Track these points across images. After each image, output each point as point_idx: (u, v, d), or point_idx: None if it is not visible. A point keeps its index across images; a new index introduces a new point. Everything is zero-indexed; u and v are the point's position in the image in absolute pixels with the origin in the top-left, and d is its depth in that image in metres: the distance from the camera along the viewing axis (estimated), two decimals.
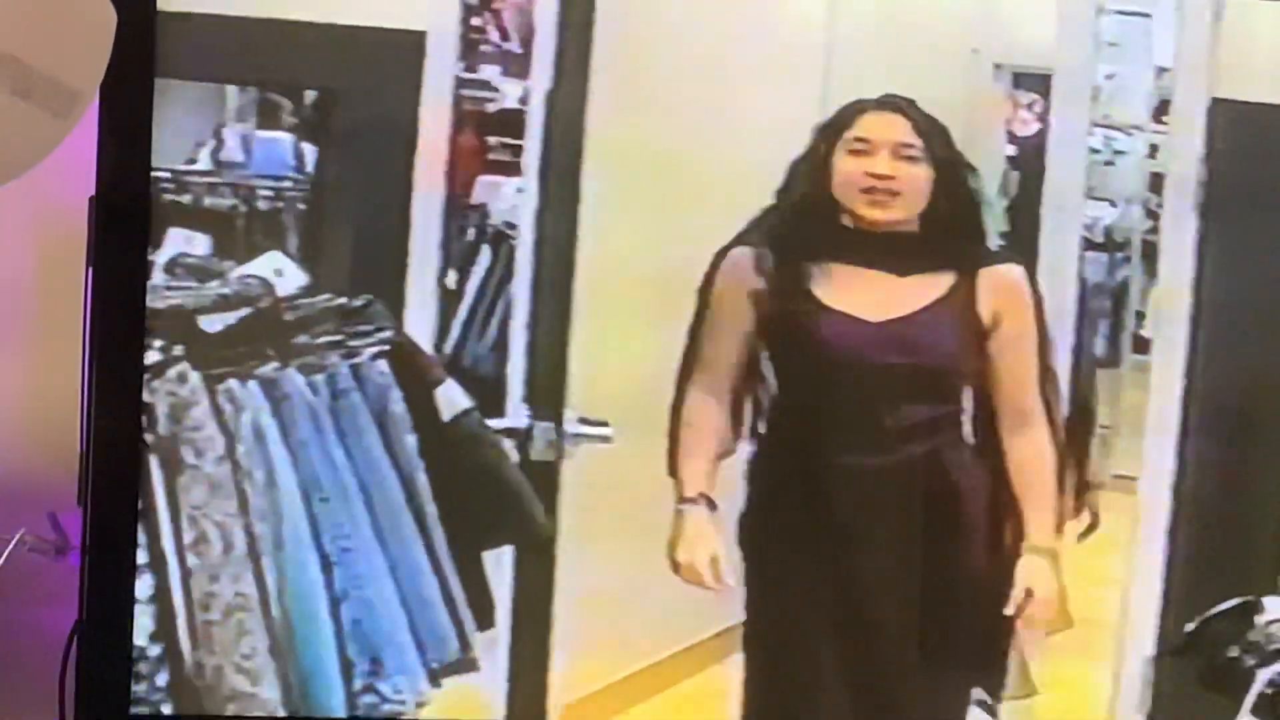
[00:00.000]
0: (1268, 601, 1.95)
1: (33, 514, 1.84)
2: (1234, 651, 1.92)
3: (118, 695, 1.81)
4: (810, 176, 1.86)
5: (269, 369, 1.82)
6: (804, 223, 1.86)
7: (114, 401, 1.78)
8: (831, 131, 1.87)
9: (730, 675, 1.95)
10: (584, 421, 1.89)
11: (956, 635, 1.92)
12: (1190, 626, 1.91)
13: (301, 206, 1.81)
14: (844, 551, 1.89)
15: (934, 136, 1.86)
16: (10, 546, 1.77)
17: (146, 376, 1.77)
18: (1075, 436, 1.94)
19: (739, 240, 1.85)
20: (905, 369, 1.88)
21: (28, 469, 1.91)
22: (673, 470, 1.89)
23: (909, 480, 1.89)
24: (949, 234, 1.88)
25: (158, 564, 1.81)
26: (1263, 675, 1.91)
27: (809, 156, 1.86)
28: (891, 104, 1.88)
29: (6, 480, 1.91)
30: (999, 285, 1.90)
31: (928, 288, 1.89)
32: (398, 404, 1.85)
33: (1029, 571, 1.93)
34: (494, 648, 1.87)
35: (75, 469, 1.78)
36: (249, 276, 1.81)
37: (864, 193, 1.87)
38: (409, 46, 1.82)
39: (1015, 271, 1.90)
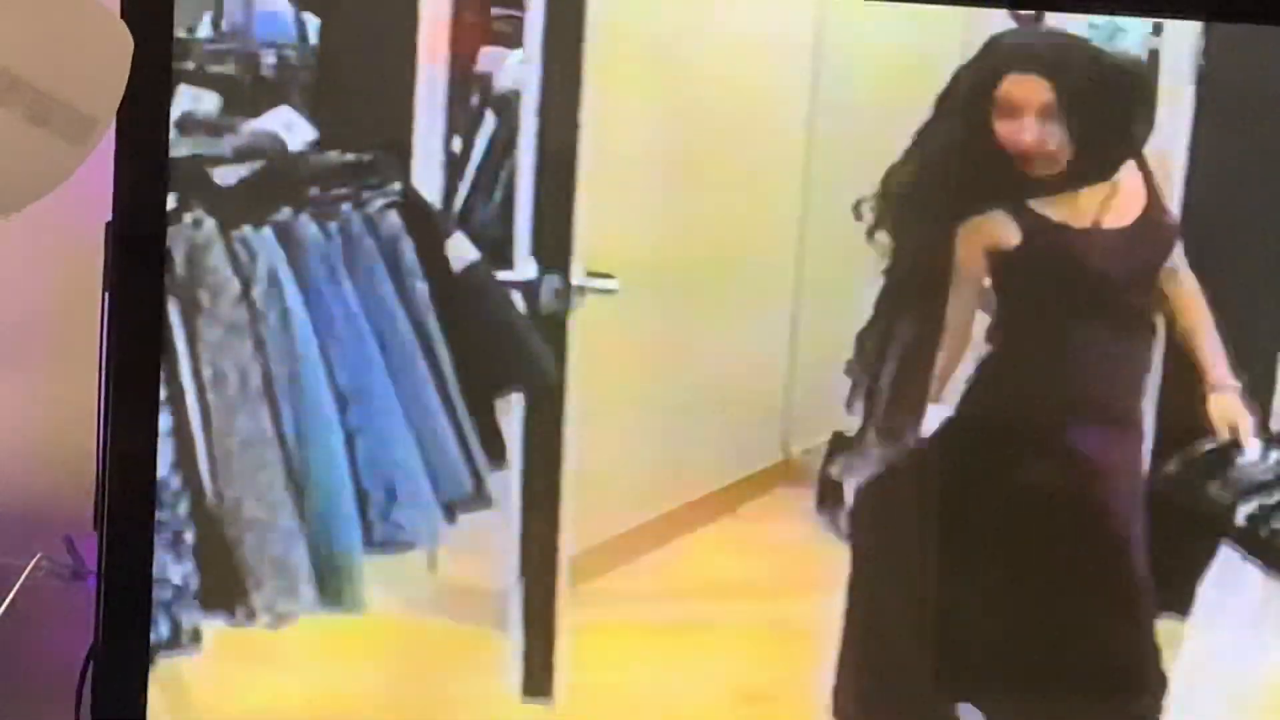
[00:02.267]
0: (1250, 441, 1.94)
1: (49, 538, 1.82)
2: (1214, 489, 2.00)
3: (133, 719, 1.76)
4: (966, 129, 1.86)
5: (283, 216, 1.81)
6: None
7: (130, 426, 1.74)
8: (977, 90, 1.85)
9: (739, 527, 1.94)
10: (590, 275, 1.87)
11: None
12: (1173, 466, 1.93)
13: (305, 75, 1.80)
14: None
15: (1071, 86, 1.84)
16: (27, 571, 1.75)
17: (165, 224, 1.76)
18: None
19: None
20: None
21: (44, 493, 1.88)
22: None
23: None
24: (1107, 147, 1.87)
25: (177, 401, 1.79)
26: (1242, 510, 1.99)
27: (961, 112, 1.85)
28: (1030, 60, 1.85)
29: (23, 504, 1.87)
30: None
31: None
32: (409, 253, 1.83)
33: (1222, 409, 1.94)
34: (508, 486, 1.87)
35: (91, 493, 1.73)
36: (259, 131, 1.80)
37: (1019, 155, 1.87)
38: None
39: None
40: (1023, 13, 1.91)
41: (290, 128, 1.82)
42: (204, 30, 1.82)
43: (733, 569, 1.96)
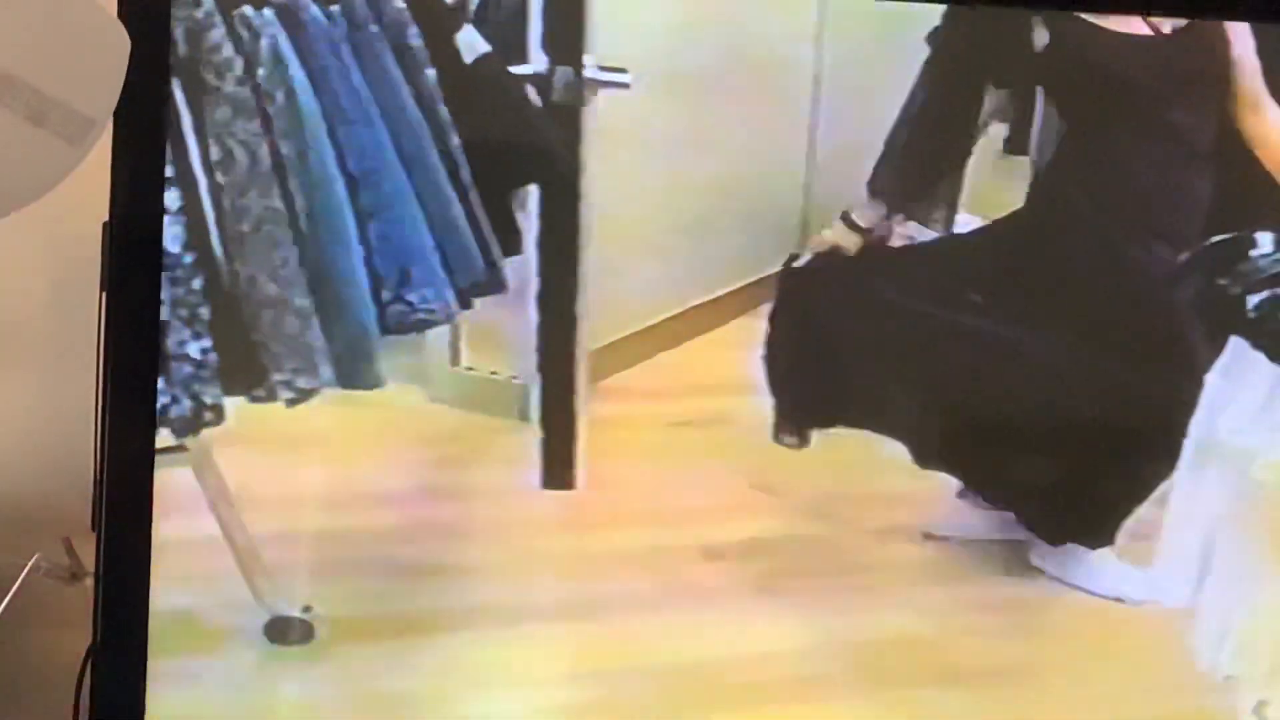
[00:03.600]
0: (1260, 236, 2.06)
1: (47, 539, 1.77)
2: (1225, 280, 2.00)
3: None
4: None
5: None
6: None
7: (127, 427, 1.70)
8: None
9: (757, 326, 1.91)
10: (602, 69, 1.83)
11: None
12: (1184, 256, 1.93)
13: None
14: None
15: None
16: (25, 572, 1.71)
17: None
18: None
19: None
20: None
21: (42, 494, 1.86)
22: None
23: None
24: None
25: (186, 180, 1.75)
26: (1251, 300, 2.00)
27: None
28: None
29: (21, 505, 1.85)
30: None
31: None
32: (416, 39, 1.78)
33: None
34: (523, 273, 1.85)
35: (89, 494, 1.69)
36: None
37: None
38: None
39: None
40: None
41: None
42: None
43: (748, 367, 1.91)
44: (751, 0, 1.90)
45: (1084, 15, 1.86)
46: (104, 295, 1.72)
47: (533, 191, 1.85)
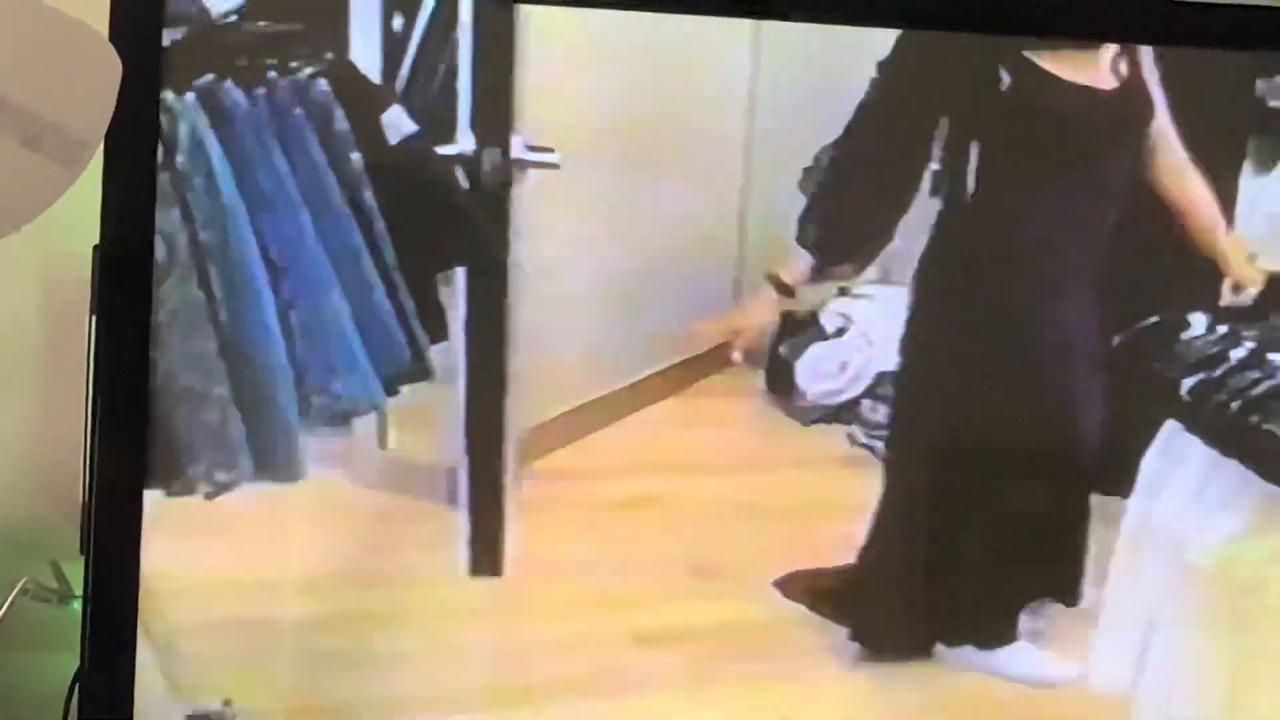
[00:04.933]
0: (1192, 317, 1.96)
1: (36, 562, 1.78)
2: (1158, 364, 1.98)
3: None
4: None
5: (205, 81, 1.75)
6: None
7: (117, 451, 1.69)
8: None
9: (691, 404, 1.89)
10: (531, 148, 1.80)
11: None
12: (1118, 339, 1.91)
13: None
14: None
15: None
16: (13, 594, 1.70)
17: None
18: None
19: None
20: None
21: (31, 517, 1.85)
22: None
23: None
24: None
25: None
26: (1185, 384, 1.98)
27: None
28: None
29: (10, 528, 1.83)
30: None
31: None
32: (341, 122, 1.76)
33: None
34: (449, 360, 1.82)
35: (78, 518, 1.69)
36: None
37: None
38: None
39: None
40: None
41: None
42: None
43: (684, 446, 1.89)
44: (681, 73, 1.87)
45: (1036, 60, 1.83)
46: (94, 318, 1.71)
47: (459, 274, 1.83)
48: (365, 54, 1.78)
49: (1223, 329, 1.87)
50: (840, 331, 1.94)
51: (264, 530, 1.75)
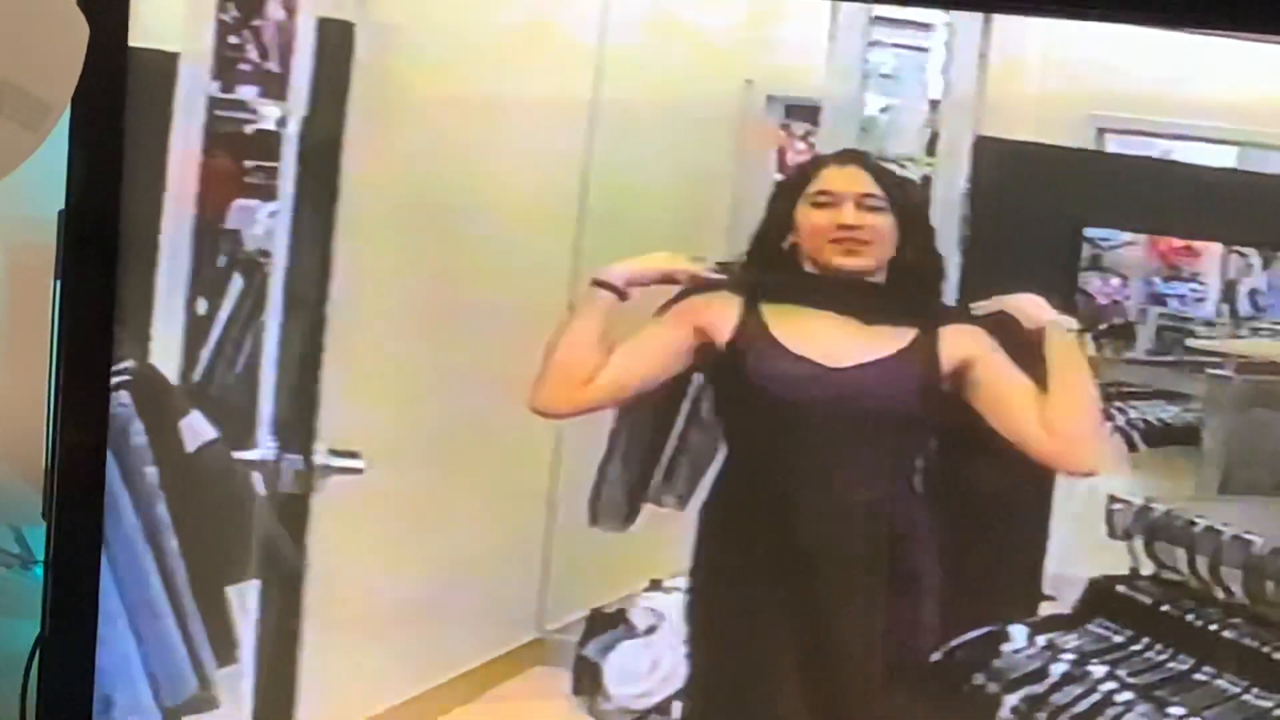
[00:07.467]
0: (1013, 630, 1.98)
1: None
2: (979, 679, 1.93)
3: (79, 710, 1.69)
4: (771, 231, 1.80)
5: None
6: (765, 269, 1.79)
7: (80, 416, 1.66)
8: (791, 188, 1.80)
9: (494, 709, 1.84)
10: (334, 453, 1.75)
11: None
12: (937, 655, 1.85)
13: None
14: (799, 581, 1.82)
15: (895, 188, 1.80)
16: None
17: None
18: None
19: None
20: (860, 415, 1.82)
21: None
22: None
23: (857, 524, 1.83)
24: (913, 286, 1.81)
25: None
26: (1009, 701, 1.93)
27: (769, 214, 1.79)
28: (851, 157, 1.81)
29: None
30: (961, 341, 1.83)
31: (890, 339, 1.83)
32: (139, 436, 1.70)
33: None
34: (237, 684, 1.76)
35: (41, 483, 1.66)
36: None
37: (833, 243, 1.80)
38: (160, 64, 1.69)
39: (975, 330, 1.83)
40: None
41: None
42: None
43: None
44: (487, 372, 1.81)
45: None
46: (58, 283, 1.67)
47: (253, 586, 1.76)
48: (167, 349, 1.73)
49: (1041, 640, 1.80)
50: (651, 630, 1.86)
51: None
